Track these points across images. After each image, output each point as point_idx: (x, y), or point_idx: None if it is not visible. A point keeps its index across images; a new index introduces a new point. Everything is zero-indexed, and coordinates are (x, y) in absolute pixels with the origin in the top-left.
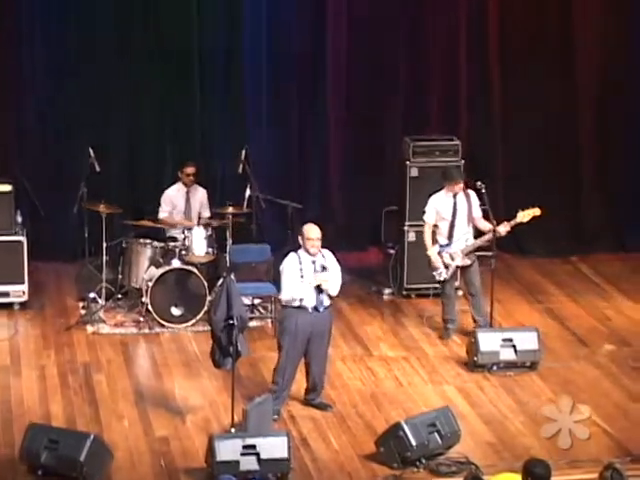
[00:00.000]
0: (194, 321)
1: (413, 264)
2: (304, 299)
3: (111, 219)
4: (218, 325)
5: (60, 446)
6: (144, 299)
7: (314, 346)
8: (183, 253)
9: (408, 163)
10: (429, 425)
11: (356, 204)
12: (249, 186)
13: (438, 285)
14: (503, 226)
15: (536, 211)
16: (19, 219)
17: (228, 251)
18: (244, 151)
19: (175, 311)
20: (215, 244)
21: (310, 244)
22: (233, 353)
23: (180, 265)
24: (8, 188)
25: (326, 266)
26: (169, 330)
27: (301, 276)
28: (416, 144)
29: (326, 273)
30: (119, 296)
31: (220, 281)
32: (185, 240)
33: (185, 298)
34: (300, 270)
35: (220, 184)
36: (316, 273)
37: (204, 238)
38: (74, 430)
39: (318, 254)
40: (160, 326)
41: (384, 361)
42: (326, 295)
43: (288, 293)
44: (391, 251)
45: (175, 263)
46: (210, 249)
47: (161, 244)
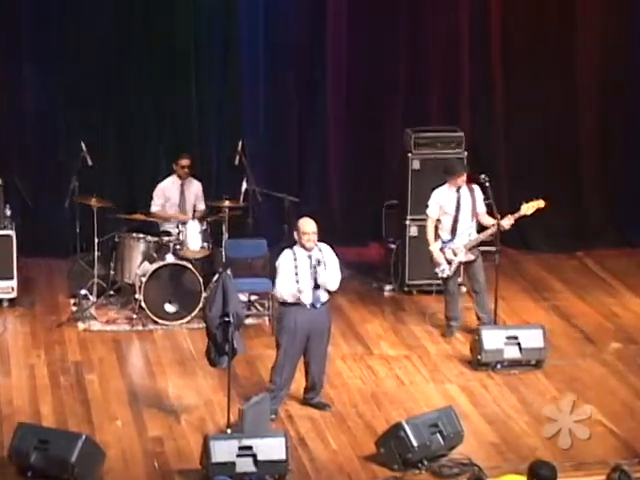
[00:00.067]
0: (189, 318)
1: (415, 260)
2: (303, 293)
3: (103, 213)
4: (213, 322)
5: (50, 446)
6: (137, 295)
7: (313, 344)
8: (177, 248)
9: (410, 155)
10: (431, 425)
11: (356, 197)
12: (245, 179)
13: (440, 282)
14: (507, 219)
15: (540, 203)
16: (8, 213)
17: (224, 246)
18: (241, 142)
19: (169, 308)
20: (210, 238)
21: (306, 238)
22: (229, 351)
23: (174, 260)
24: None
25: (322, 260)
26: (163, 327)
27: (296, 273)
28: (418, 135)
29: (321, 268)
30: (111, 292)
31: (216, 277)
32: (179, 234)
33: (179, 294)
34: (295, 267)
35: (216, 176)
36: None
37: (199, 232)
38: (65, 430)
39: (314, 248)
40: (154, 323)
41: (385, 360)
42: (323, 291)
43: (282, 290)
44: (392, 246)
45: (169, 258)
46: (205, 244)
47: (155, 239)
